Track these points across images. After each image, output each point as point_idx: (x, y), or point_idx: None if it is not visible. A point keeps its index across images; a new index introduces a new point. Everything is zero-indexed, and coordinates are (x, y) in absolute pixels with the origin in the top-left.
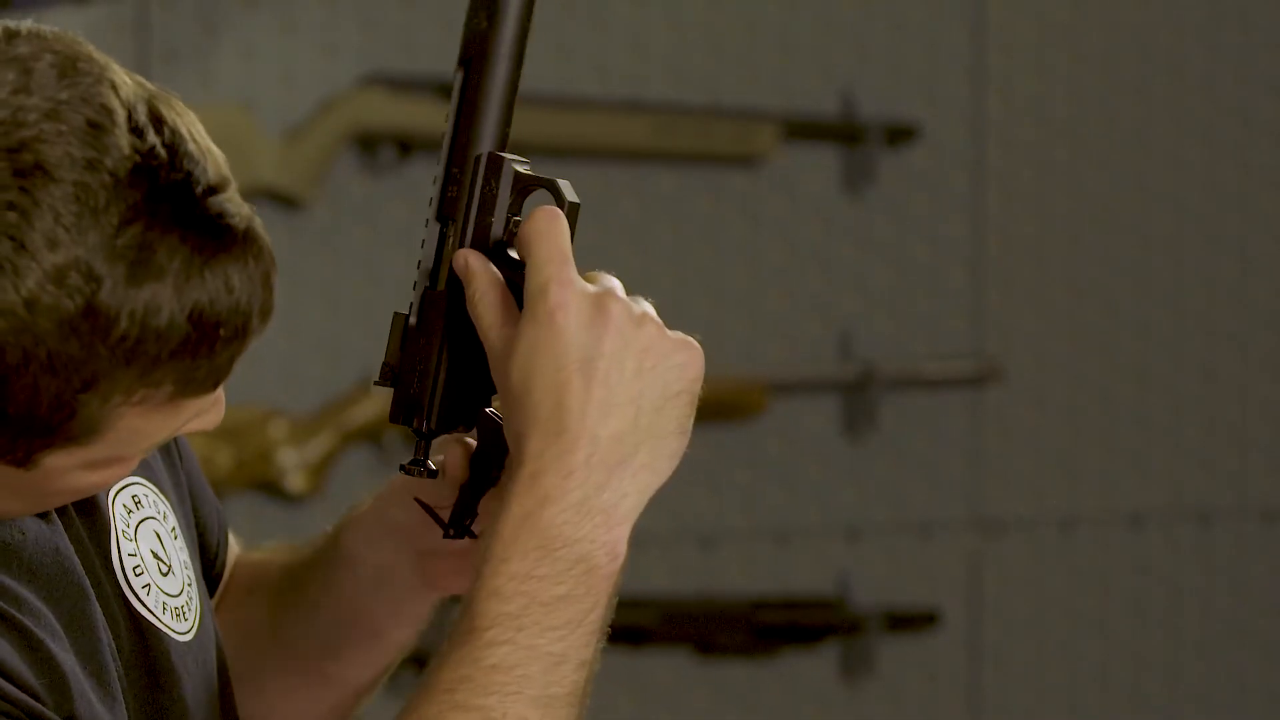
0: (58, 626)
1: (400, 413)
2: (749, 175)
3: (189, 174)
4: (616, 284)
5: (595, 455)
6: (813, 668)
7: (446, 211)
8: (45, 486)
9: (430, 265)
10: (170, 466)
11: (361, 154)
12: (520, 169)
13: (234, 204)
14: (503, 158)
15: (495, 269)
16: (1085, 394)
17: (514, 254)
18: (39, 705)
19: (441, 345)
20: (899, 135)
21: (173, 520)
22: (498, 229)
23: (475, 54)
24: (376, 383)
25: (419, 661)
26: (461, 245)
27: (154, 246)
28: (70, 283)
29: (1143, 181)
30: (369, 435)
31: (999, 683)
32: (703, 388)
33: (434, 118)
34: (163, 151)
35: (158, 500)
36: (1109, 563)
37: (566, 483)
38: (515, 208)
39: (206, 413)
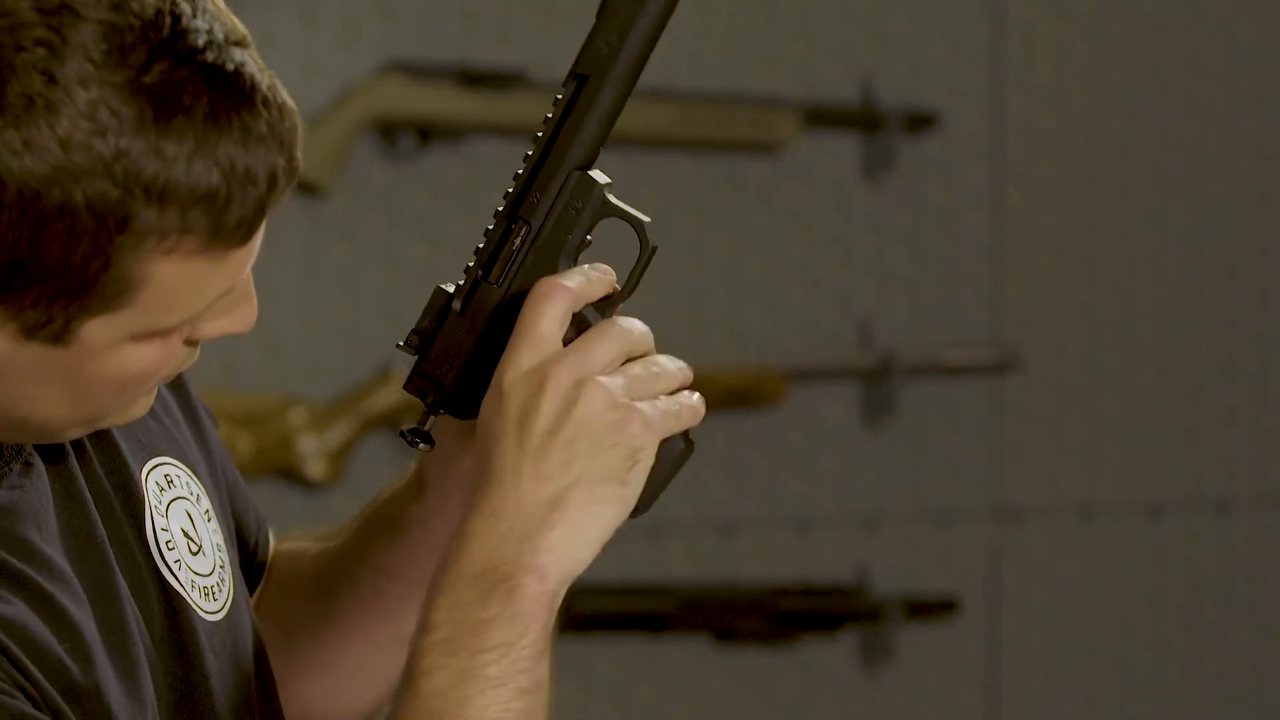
0: (82, 594)
1: (418, 384)
2: (769, 163)
3: (211, 24)
4: (602, 349)
5: (521, 496)
6: (832, 655)
7: (523, 213)
8: (87, 371)
9: (487, 257)
10: (208, 458)
11: (381, 142)
12: (609, 196)
13: (256, 61)
14: (596, 183)
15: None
16: (1104, 383)
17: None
18: (51, 691)
19: (480, 338)
20: (919, 123)
21: (206, 504)
22: (570, 247)
23: (593, 72)
24: (399, 346)
25: None
26: (530, 250)
27: (182, 87)
28: (102, 119)
29: (1161, 170)
30: (388, 422)
31: (1017, 670)
32: (722, 376)
33: (453, 105)
34: (185, 4)
35: (190, 482)
36: (1127, 551)
37: (492, 520)
38: (590, 228)
39: (237, 307)
